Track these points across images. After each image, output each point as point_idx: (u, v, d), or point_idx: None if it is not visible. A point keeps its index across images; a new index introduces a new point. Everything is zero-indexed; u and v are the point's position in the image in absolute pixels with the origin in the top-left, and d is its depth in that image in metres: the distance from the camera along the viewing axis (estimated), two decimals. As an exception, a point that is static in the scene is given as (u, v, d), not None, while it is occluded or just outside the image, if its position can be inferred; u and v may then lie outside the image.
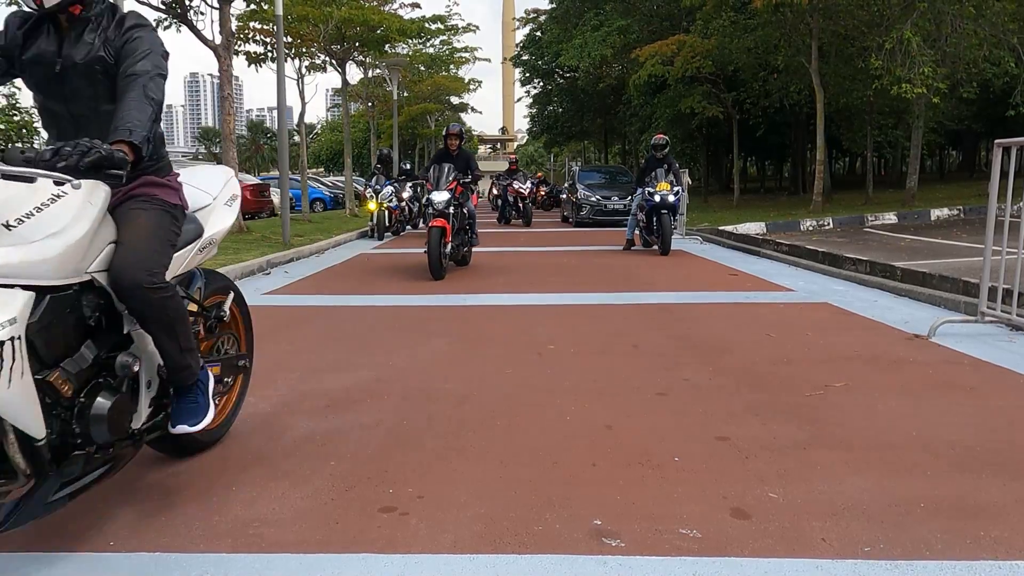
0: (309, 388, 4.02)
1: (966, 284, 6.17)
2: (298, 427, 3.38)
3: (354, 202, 22.42)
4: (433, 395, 3.87)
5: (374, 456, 3.02)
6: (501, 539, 2.31)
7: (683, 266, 9.67)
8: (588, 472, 2.83)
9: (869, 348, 4.80)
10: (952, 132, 32.04)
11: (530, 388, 3.99)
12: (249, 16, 16.40)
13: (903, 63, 15.05)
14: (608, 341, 5.13)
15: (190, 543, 2.31)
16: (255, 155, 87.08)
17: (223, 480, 2.79)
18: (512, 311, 6.41)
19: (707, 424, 3.35)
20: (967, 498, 2.55)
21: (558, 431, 3.29)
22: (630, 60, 23.64)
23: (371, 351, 4.90)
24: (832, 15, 17.60)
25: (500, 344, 5.10)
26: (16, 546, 2.29)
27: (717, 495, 2.60)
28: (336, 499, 2.62)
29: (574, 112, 39.43)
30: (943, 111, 22.23)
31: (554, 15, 32.44)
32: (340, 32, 19.42)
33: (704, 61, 20.92)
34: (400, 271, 9.47)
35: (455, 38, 31.22)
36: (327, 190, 30.14)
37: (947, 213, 15.75)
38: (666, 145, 11.74)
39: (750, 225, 14.39)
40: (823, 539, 2.28)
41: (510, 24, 70.51)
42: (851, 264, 8.26)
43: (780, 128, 28.93)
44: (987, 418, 3.39)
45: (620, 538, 2.30)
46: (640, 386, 3.99)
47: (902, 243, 11.03)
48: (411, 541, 2.31)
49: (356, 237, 15.12)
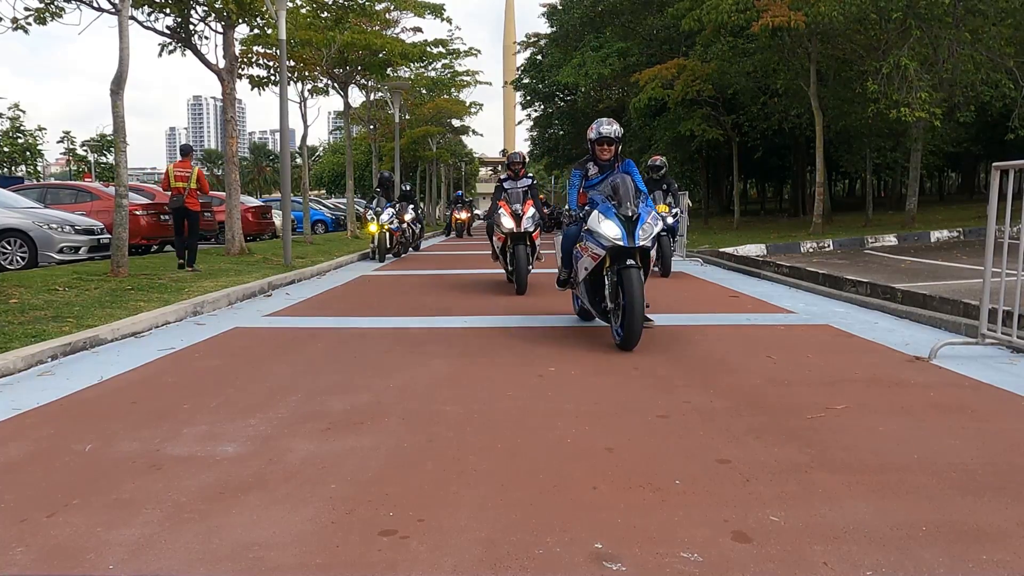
0: (310, 410, 4.02)
1: (966, 306, 6.18)
2: (298, 449, 3.38)
3: (356, 224, 22.50)
4: (434, 418, 3.87)
5: (374, 479, 3.01)
6: (502, 563, 2.30)
7: (683, 288, 9.68)
8: (589, 495, 2.82)
9: (870, 370, 4.80)
10: (951, 154, 32.18)
11: (531, 411, 3.98)
12: (252, 40, 16.56)
13: (900, 88, 15.18)
14: (608, 363, 5.13)
15: (190, 567, 2.30)
16: (258, 177, 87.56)
17: (223, 503, 2.79)
18: (512, 333, 6.42)
19: (708, 447, 3.35)
20: (969, 521, 2.55)
21: (559, 454, 3.28)
22: (630, 83, 23.83)
23: (372, 373, 4.90)
24: (830, 39, 17.77)
25: (500, 366, 5.10)
26: (17, 569, 2.29)
27: (718, 518, 2.59)
28: (336, 522, 2.61)
29: (575, 134, 39.63)
30: (941, 134, 22.36)
31: (554, 38, 32.77)
32: (343, 56, 19.63)
33: (704, 84, 21.10)
34: (401, 293, 9.49)
35: (457, 62, 31.59)
36: (329, 212, 30.25)
37: (947, 235, 15.80)
38: (663, 167, 11.79)
39: (750, 247, 14.42)
40: (825, 563, 2.27)
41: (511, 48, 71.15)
42: (851, 286, 8.27)
43: (780, 150, 29.10)
44: (988, 441, 3.39)
45: (621, 562, 2.30)
46: (641, 409, 3.98)
47: (902, 265, 11.05)
48: (412, 565, 2.30)
49: (357, 259, 15.17)
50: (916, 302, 6.94)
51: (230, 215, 13.74)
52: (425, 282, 10.89)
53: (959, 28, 15.41)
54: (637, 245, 5.43)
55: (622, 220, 5.46)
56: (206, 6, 12.89)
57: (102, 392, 4.51)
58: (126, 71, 9.66)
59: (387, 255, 15.18)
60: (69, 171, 62.78)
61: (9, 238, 11.92)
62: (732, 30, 20.13)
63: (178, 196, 11.02)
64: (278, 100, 12.95)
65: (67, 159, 61.89)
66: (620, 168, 6.14)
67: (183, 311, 7.32)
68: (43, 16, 10.78)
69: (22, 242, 11.98)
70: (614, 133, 6.10)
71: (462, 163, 55.05)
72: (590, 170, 6.30)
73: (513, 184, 9.72)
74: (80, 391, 4.50)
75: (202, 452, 3.35)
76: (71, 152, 59.88)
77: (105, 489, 2.92)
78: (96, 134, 58.97)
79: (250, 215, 19.96)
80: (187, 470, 3.13)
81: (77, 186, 17.78)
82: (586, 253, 5.81)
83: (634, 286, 5.28)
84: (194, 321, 7.19)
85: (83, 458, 3.30)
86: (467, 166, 58.89)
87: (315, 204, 29.65)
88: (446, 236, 28.91)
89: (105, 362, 5.32)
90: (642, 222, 5.50)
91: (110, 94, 9.64)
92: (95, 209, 14.52)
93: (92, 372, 4.98)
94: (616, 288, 5.53)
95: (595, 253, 5.64)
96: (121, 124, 9.65)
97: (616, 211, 5.52)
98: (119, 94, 9.64)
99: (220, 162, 76.53)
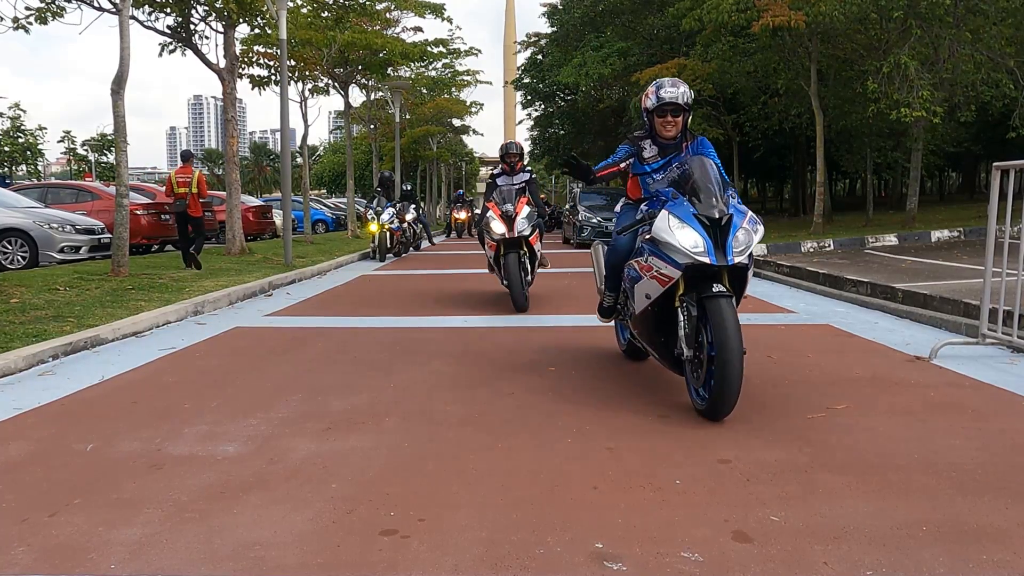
0: (310, 410, 4.03)
1: (967, 306, 6.18)
2: (299, 449, 3.38)
3: (356, 224, 22.51)
4: (434, 417, 3.87)
5: (375, 479, 3.02)
6: (502, 562, 2.31)
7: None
8: (589, 495, 2.83)
9: (870, 370, 4.80)
10: (952, 154, 32.19)
11: (531, 410, 3.98)
12: (253, 40, 16.57)
13: (901, 87, 15.17)
14: (609, 363, 5.13)
15: (191, 566, 2.31)
16: (258, 177, 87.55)
17: (224, 502, 2.79)
18: (512, 332, 6.42)
19: (708, 446, 3.35)
20: (969, 521, 2.55)
21: (559, 453, 3.29)
22: (630, 83, 23.83)
23: (372, 373, 4.91)
24: (830, 39, 17.76)
25: (501, 366, 5.10)
26: (19, 569, 2.29)
27: (719, 518, 2.60)
28: (337, 522, 2.61)
29: (575, 134, 39.65)
30: (942, 134, 22.36)
31: (555, 38, 32.75)
32: (343, 56, 19.63)
33: (704, 84, 21.09)
34: (401, 293, 9.50)
35: (457, 61, 31.58)
36: (329, 211, 30.27)
37: (947, 235, 15.79)
38: None
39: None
40: (825, 563, 2.27)
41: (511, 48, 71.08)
42: (852, 286, 8.27)
43: (780, 150, 29.10)
44: (989, 441, 3.39)
45: (622, 561, 2.30)
46: (641, 408, 3.99)
47: (903, 265, 11.05)
48: (412, 564, 2.30)
49: (358, 259, 15.18)
50: (917, 302, 6.95)
51: (230, 215, 13.75)
52: (426, 281, 10.90)
53: (960, 28, 15.40)
54: (730, 263, 3.64)
55: (705, 225, 3.69)
56: (207, 6, 12.89)
57: (103, 392, 4.51)
58: (127, 71, 9.66)
59: (387, 255, 15.19)
60: (70, 171, 62.81)
61: (10, 238, 11.93)
62: (732, 30, 20.11)
63: (180, 201, 11.36)
64: (279, 100, 12.95)
65: (68, 159, 61.93)
66: (691, 149, 4.32)
67: (184, 311, 7.32)
68: (44, 16, 10.78)
69: (23, 242, 11.99)
70: (682, 98, 4.25)
71: (462, 163, 55.06)
72: (646, 150, 4.46)
73: (508, 180, 8.26)
74: (81, 391, 4.51)
75: (203, 452, 3.35)
76: (71, 152, 59.92)
77: (106, 489, 2.93)
78: (97, 134, 59.00)
79: (251, 215, 19.97)
80: (188, 470, 3.13)
81: (78, 186, 17.79)
82: (647, 273, 3.94)
83: (727, 324, 3.54)
84: (195, 321, 7.19)
85: (84, 458, 3.30)
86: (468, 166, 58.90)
87: (315, 204, 29.66)
88: (446, 236, 28.94)
89: (106, 362, 5.33)
90: (735, 228, 3.71)
91: (111, 94, 9.64)
92: (96, 209, 14.53)
93: (93, 372, 4.99)
94: (696, 326, 3.77)
95: (664, 275, 3.80)
96: (122, 124, 9.66)
97: (695, 211, 3.74)
98: (120, 94, 9.64)
99: (220, 162, 76.55)
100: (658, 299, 3.93)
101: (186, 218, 11.42)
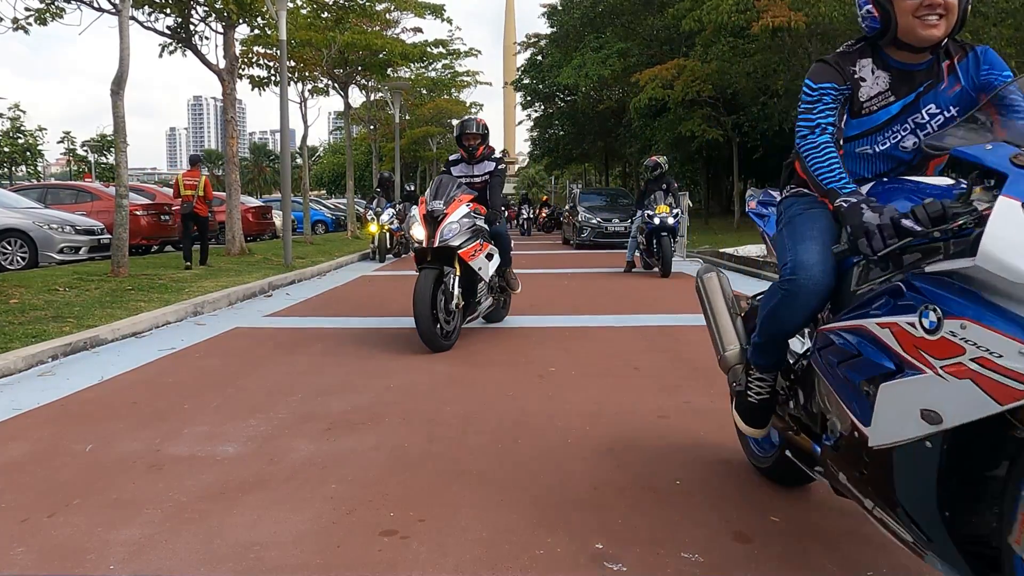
0: (310, 410, 4.02)
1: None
2: (299, 450, 3.38)
3: (356, 224, 22.51)
4: (434, 418, 3.87)
5: (375, 479, 3.01)
6: (502, 563, 2.30)
7: (684, 288, 9.68)
8: (589, 495, 2.82)
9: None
10: (951, 154, 32.10)
11: (531, 411, 3.98)
12: (253, 41, 16.58)
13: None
14: (609, 363, 5.13)
15: (190, 567, 2.30)
16: (258, 177, 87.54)
17: (223, 503, 2.79)
18: (512, 333, 6.42)
19: (708, 447, 3.35)
20: (970, 522, 2.54)
21: (559, 454, 3.28)
22: (630, 84, 23.86)
23: (372, 373, 4.90)
24: (830, 40, 17.78)
25: (501, 367, 5.10)
26: (18, 569, 2.29)
27: (719, 519, 2.60)
28: (337, 522, 2.61)
29: (575, 135, 39.69)
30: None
31: (554, 39, 32.79)
32: (343, 56, 19.64)
33: (704, 85, 21.11)
34: (401, 293, 9.48)
35: (457, 62, 31.55)
36: (329, 212, 30.26)
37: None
38: (656, 167, 11.70)
39: (751, 247, 14.42)
40: (826, 563, 2.27)
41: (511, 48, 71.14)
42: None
43: (780, 151, 29.01)
44: (989, 441, 3.38)
45: (622, 562, 2.30)
46: (641, 409, 3.98)
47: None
48: (412, 565, 2.30)
49: (358, 259, 15.18)
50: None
51: (230, 215, 13.75)
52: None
53: (959, 28, 15.43)
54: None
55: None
56: (206, 6, 12.89)
57: (102, 392, 4.51)
58: (126, 71, 9.66)
59: (387, 255, 15.19)
60: (69, 171, 62.80)
61: (9, 238, 11.93)
62: (732, 30, 20.15)
63: (187, 204, 11.49)
64: (278, 100, 12.96)
65: (67, 159, 61.92)
66: (964, 72, 2.32)
67: (183, 311, 7.32)
68: (43, 16, 10.79)
69: (22, 242, 11.99)
70: None
71: (462, 163, 55.06)
72: (864, 85, 2.31)
73: (466, 170, 6.40)
74: (80, 391, 4.50)
75: (202, 452, 3.35)
76: (71, 152, 59.91)
77: (105, 489, 2.92)
78: (96, 134, 59.01)
79: (250, 215, 19.96)
80: (187, 470, 3.13)
81: (77, 186, 17.78)
82: (946, 363, 1.51)
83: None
84: (194, 321, 7.19)
85: (83, 458, 3.30)
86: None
87: (315, 204, 29.65)
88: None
89: (105, 362, 5.32)
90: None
91: (110, 94, 9.64)
92: (95, 209, 14.53)
93: (92, 372, 4.98)
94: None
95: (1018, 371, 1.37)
96: (121, 124, 9.66)
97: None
98: (119, 94, 9.64)
99: (220, 162, 76.53)
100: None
101: (193, 218, 11.55)
